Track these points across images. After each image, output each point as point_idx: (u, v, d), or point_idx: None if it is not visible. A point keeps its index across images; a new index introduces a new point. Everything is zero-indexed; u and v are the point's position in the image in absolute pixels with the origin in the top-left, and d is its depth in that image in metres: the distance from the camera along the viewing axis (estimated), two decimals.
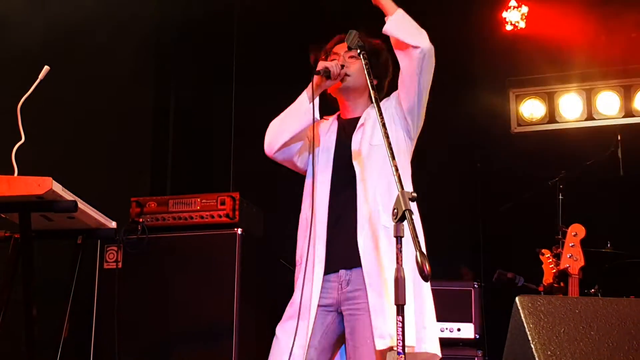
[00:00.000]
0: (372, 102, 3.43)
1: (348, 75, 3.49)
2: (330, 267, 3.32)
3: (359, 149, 3.44)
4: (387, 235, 3.21)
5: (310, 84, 3.44)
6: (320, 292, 3.29)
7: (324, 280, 3.30)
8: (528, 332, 2.01)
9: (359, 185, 3.37)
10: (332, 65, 3.43)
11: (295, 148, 3.54)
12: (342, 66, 3.48)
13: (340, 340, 3.35)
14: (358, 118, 3.57)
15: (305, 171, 3.58)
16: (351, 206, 3.34)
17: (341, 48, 3.56)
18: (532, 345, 1.97)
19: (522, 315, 2.09)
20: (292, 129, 3.45)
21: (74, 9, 5.55)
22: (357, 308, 3.24)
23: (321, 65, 3.44)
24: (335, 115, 3.73)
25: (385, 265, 3.20)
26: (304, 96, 3.46)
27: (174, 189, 6.40)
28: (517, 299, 2.13)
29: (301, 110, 3.44)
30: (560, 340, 2.01)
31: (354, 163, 3.42)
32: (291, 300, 3.37)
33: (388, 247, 3.21)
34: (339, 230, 3.35)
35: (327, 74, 3.41)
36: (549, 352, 1.96)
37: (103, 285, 5.08)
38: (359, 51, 3.30)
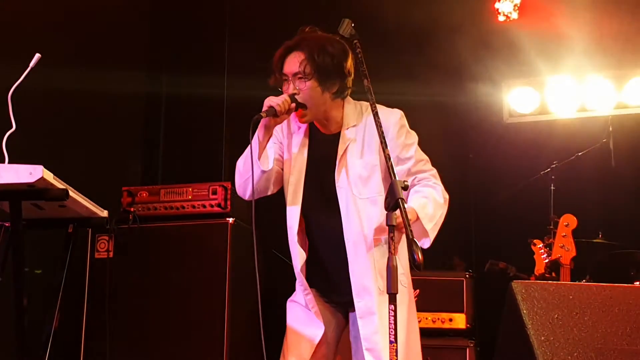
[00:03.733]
0: (344, 108, 3.36)
1: (303, 107, 3.27)
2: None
3: (349, 188, 3.29)
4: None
5: (258, 128, 3.21)
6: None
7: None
8: (523, 318, 2.02)
9: (349, 245, 3.28)
10: (279, 102, 3.17)
11: (268, 186, 3.38)
12: (293, 95, 3.25)
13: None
14: (336, 136, 3.38)
15: None
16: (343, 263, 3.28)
17: (289, 67, 3.29)
18: (527, 331, 1.97)
19: (516, 301, 2.10)
20: (253, 175, 3.23)
21: None
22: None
23: (265, 104, 3.19)
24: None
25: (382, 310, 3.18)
26: (255, 140, 3.23)
27: (165, 178, 6.38)
28: (512, 284, 2.14)
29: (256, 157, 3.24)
30: (554, 325, 2.01)
31: (340, 202, 3.29)
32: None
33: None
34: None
35: (271, 112, 3.18)
36: (543, 338, 1.97)
37: (94, 274, 5.06)
38: (354, 41, 3.16)
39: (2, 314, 3.25)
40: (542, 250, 4.91)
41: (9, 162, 3.01)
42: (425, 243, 3.26)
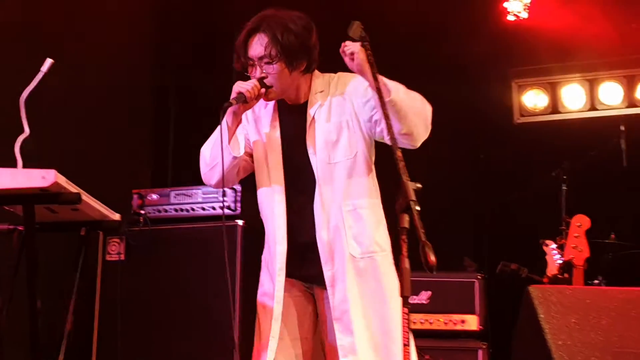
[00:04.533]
0: (312, 80, 3.26)
1: (270, 88, 3.19)
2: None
3: (319, 154, 3.20)
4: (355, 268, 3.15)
5: (226, 114, 3.15)
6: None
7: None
8: (540, 322, 2.01)
9: (317, 206, 3.18)
10: (248, 88, 3.13)
11: (235, 173, 3.30)
12: (261, 79, 3.18)
13: None
14: (303, 105, 3.29)
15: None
16: (309, 228, 3.19)
17: (254, 50, 3.18)
18: (544, 335, 1.97)
19: (533, 305, 2.09)
20: (223, 162, 3.16)
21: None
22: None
23: (234, 90, 3.14)
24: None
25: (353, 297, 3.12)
26: (225, 126, 3.17)
27: (175, 180, 6.39)
28: (528, 288, 2.13)
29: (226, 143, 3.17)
30: (570, 329, 2.01)
31: (314, 170, 3.19)
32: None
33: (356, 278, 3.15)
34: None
35: (241, 99, 3.13)
36: (560, 342, 1.96)
37: (106, 277, 5.09)
38: (361, 43, 3.04)
39: (17, 316, 3.25)
40: (555, 251, 4.88)
41: (23, 167, 3.02)
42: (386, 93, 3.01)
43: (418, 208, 2.72)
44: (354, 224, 3.16)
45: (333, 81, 3.31)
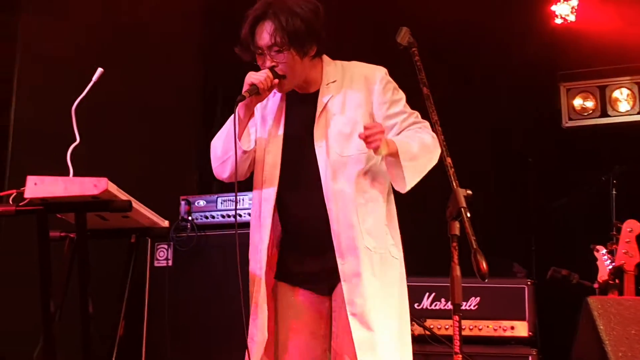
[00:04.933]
0: (322, 67, 3.16)
1: (283, 77, 3.09)
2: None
3: (329, 147, 3.09)
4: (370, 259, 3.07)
5: (238, 107, 3.06)
6: None
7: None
8: (600, 334, 1.98)
9: (330, 204, 3.07)
10: (261, 79, 3.02)
11: (246, 167, 3.22)
12: (273, 68, 3.07)
13: None
14: (314, 95, 3.18)
15: None
16: (323, 222, 3.07)
17: (261, 39, 3.05)
18: (604, 347, 1.94)
19: (593, 317, 2.06)
20: (231, 159, 3.11)
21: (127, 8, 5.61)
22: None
23: (246, 82, 3.04)
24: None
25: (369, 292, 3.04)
26: (237, 119, 3.08)
27: (221, 186, 6.42)
28: (588, 300, 2.10)
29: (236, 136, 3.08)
30: (631, 341, 1.98)
31: (319, 162, 3.09)
32: None
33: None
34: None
35: (254, 91, 3.03)
36: (621, 354, 1.93)
37: (154, 283, 5.13)
38: (412, 49, 3.00)
39: (69, 322, 3.29)
40: (605, 257, 4.81)
41: (74, 175, 3.05)
42: (400, 185, 3.06)
43: (469, 215, 2.70)
44: (367, 218, 3.07)
45: (347, 72, 3.20)
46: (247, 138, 3.16)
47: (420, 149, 3.05)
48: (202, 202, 5.28)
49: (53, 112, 4.34)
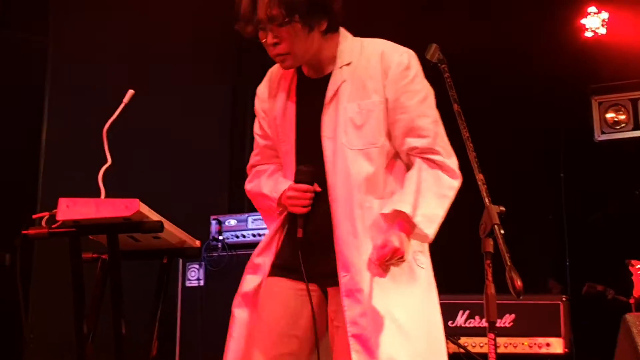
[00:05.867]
0: (339, 45, 2.80)
1: (288, 56, 2.73)
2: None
3: (337, 138, 2.73)
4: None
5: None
6: None
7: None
8: (638, 351, 1.95)
9: (334, 205, 2.72)
10: (306, 202, 2.75)
11: None
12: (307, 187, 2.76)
13: None
14: (325, 79, 2.81)
15: None
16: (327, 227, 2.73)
17: (262, 11, 2.66)
18: None
19: (632, 334, 2.03)
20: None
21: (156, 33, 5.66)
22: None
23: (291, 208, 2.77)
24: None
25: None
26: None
27: (252, 205, 6.42)
28: (626, 317, 2.07)
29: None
30: None
31: (325, 156, 2.75)
32: None
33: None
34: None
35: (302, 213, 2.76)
36: None
37: (186, 303, 5.13)
38: (441, 66, 2.80)
39: (102, 343, 3.29)
40: None
41: (106, 196, 3.06)
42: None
43: (502, 232, 2.67)
44: (374, 225, 2.70)
45: (365, 52, 2.80)
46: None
47: (439, 207, 2.73)
48: (233, 222, 5.29)
49: (84, 134, 4.38)
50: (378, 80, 2.75)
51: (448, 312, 4.59)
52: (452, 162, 2.78)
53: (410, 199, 2.68)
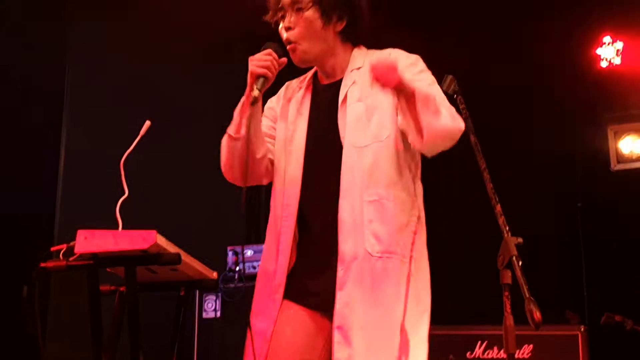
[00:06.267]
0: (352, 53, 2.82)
1: (298, 45, 2.75)
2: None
3: (347, 137, 2.74)
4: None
5: (243, 100, 2.74)
6: None
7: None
8: None
9: (342, 201, 2.72)
10: (265, 64, 2.68)
11: (262, 169, 2.95)
12: (274, 46, 2.72)
13: None
14: (338, 83, 2.84)
15: None
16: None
17: None
18: None
19: None
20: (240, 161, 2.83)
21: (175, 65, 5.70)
22: None
23: (250, 73, 2.70)
24: (310, 76, 2.96)
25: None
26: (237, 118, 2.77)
27: None
28: None
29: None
30: None
31: (343, 156, 2.74)
32: None
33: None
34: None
35: (264, 84, 2.70)
36: None
37: (203, 334, 5.12)
38: (457, 97, 2.85)
39: None
40: None
41: (123, 228, 3.07)
42: (417, 136, 2.65)
43: (520, 263, 2.66)
44: (375, 217, 2.70)
45: (374, 56, 2.84)
46: (258, 134, 2.83)
47: (442, 100, 2.67)
48: (249, 252, 5.28)
49: (101, 165, 4.40)
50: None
51: (466, 343, 4.55)
52: (459, 122, 2.73)
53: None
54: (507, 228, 2.78)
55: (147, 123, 3.28)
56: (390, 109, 2.77)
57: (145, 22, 5.83)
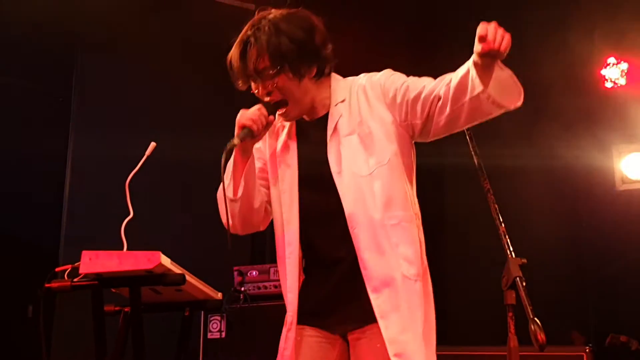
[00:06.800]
0: (331, 87, 2.85)
1: (284, 104, 2.79)
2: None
3: (345, 170, 2.75)
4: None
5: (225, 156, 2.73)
6: None
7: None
8: None
9: (355, 231, 2.71)
10: (253, 118, 2.71)
11: (260, 217, 2.97)
12: (266, 103, 2.76)
13: None
14: (324, 118, 2.85)
15: None
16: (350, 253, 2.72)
17: (251, 64, 2.74)
18: None
19: None
20: (236, 214, 2.91)
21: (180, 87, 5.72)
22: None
23: (237, 124, 2.73)
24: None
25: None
26: (228, 171, 2.85)
27: (274, 256, 6.41)
28: None
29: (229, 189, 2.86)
30: None
31: (339, 188, 2.75)
32: None
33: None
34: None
35: (248, 135, 2.71)
36: None
37: (207, 354, 5.10)
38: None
39: None
40: None
41: (127, 249, 3.08)
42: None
43: (524, 284, 2.65)
44: (401, 241, 2.71)
45: (353, 87, 2.86)
46: (251, 184, 2.85)
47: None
48: (254, 273, 5.27)
49: (107, 186, 4.42)
50: (371, 106, 2.80)
51: None
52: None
53: None
54: (511, 249, 2.78)
55: (153, 144, 3.30)
56: (383, 130, 2.78)
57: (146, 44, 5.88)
